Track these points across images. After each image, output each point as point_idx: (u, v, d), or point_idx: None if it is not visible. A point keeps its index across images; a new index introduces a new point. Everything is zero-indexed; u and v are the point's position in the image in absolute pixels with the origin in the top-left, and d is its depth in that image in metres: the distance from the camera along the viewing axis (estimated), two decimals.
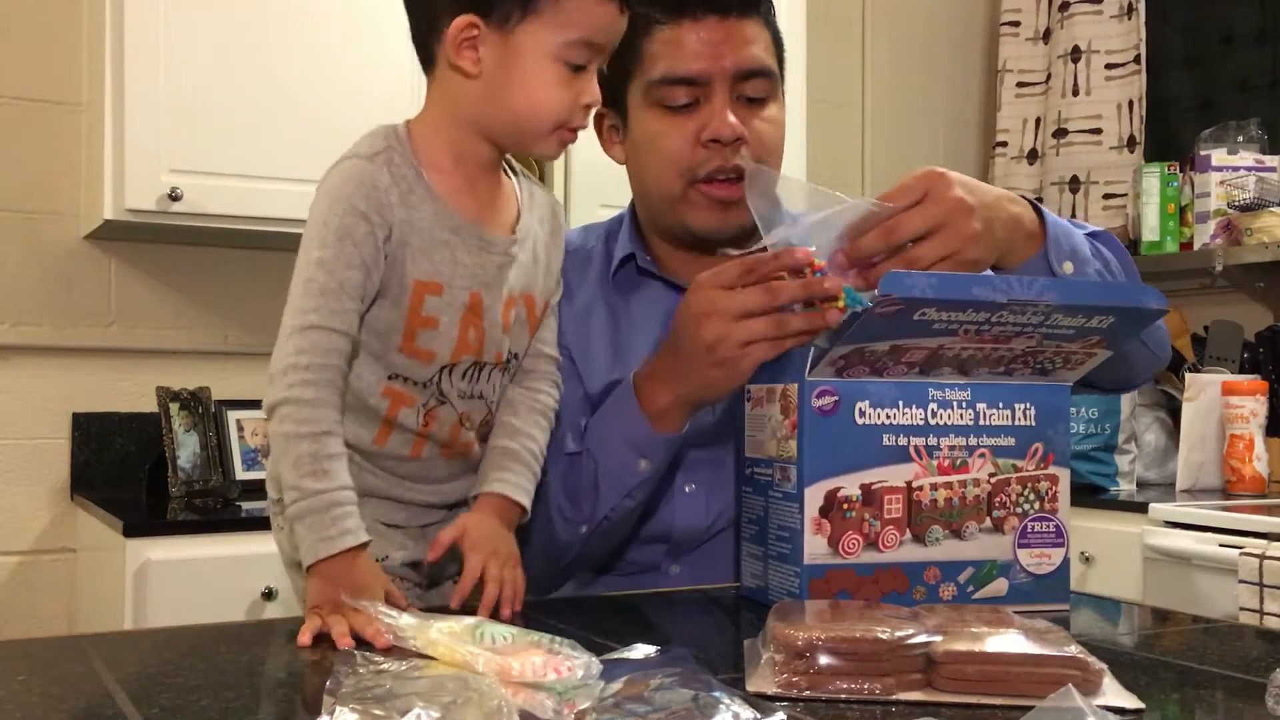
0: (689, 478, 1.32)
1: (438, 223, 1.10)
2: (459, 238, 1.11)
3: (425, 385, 1.13)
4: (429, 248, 1.09)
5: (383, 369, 1.11)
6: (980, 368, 1.08)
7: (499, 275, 1.14)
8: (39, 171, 2.62)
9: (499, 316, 1.14)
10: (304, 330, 1.05)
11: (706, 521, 1.32)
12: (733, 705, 0.69)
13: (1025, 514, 1.10)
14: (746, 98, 1.31)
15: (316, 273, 1.06)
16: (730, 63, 1.29)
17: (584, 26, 1.08)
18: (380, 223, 1.07)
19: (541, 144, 1.12)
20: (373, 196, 1.07)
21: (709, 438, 1.32)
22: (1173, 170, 3.15)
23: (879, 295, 0.97)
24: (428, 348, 1.11)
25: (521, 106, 1.09)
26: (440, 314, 1.10)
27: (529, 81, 1.08)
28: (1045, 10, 3.51)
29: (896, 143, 3.61)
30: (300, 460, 1.01)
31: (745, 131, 1.29)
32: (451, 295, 1.11)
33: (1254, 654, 0.97)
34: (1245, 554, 2.05)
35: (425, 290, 1.09)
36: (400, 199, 1.08)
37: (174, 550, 2.16)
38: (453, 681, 0.72)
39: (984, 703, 0.77)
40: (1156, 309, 1.07)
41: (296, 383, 1.03)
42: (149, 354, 2.71)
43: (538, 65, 1.08)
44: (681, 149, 1.30)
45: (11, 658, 0.90)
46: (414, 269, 1.09)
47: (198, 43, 2.39)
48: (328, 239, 1.06)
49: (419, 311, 1.10)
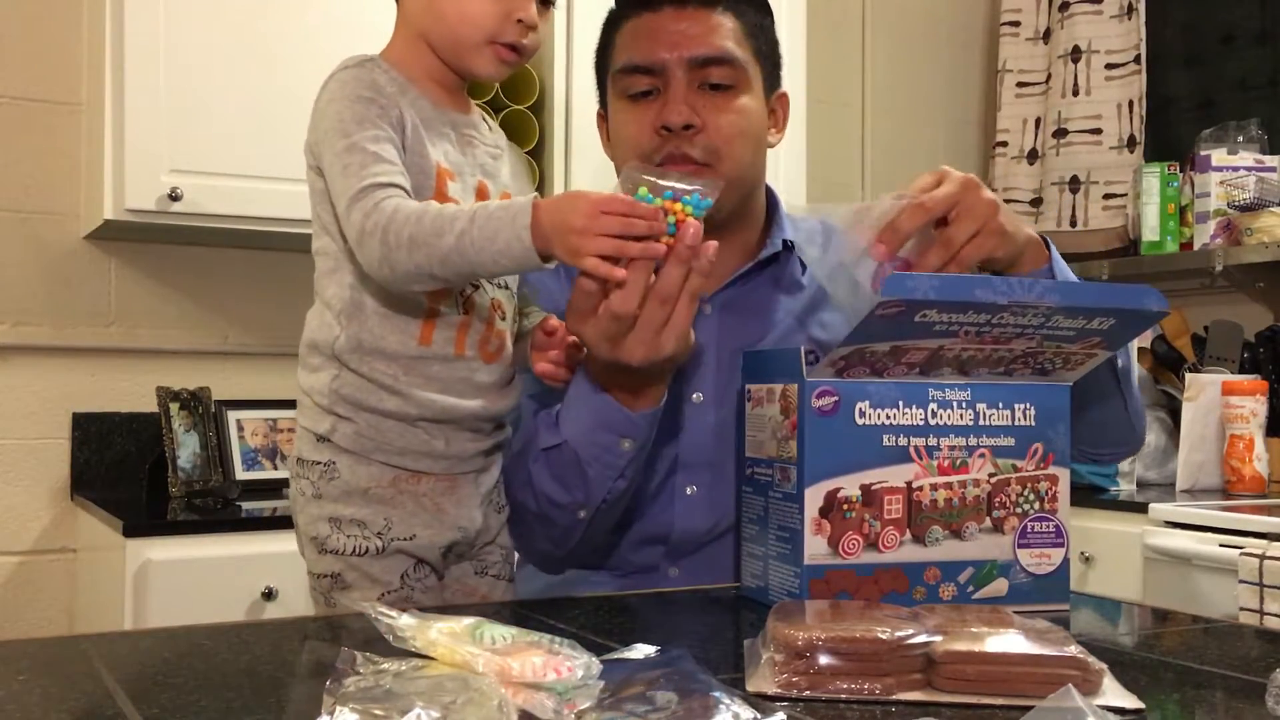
0: (690, 480, 1.32)
1: (436, 116, 1.15)
2: (455, 131, 1.17)
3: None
4: (435, 138, 1.14)
5: None
6: (980, 368, 1.08)
7: (495, 166, 1.20)
8: (39, 171, 2.62)
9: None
10: (357, 199, 1.06)
11: (707, 524, 1.32)
12: (733, 705, 0.69)
13: (1025, 514, 1.10)
14: (710, 84, 1.32)
15: (353, 156, 1.08)
16: (686, 51, 1.31)
17: None
18: (389, 105, 1.11)
19: (477, 59, 1.15)
20: (374, 86, 1.12)
21: (710, 440, 1.32)
22: (1173, 170, 3.15)
23: (881, 297, 0.97)
24: None
25: (451, 15, 1.14)
26: (462, 199, 1.14)
27: None
28: (1045, 10, 3.51)
29: (896, 143, 3.61)
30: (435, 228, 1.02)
31: (699, 119, 1.30)
32: (464, 182, 1.15)
33: (1254, 654, 0.97)
34: (1245, 554, 2.05)
35: (446, 176, 1.14)
36: (399, 94, 1.13)
37: (174, 550, 2.16)
38: (453, 681, 0.72)
39: (984, 703, 0.77)
40: (1157, 310, 1.08)
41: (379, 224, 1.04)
42: (149, 354, 2.71)
43: None
44: (640, 136, 1.32)
45: (11, 658, 0.90)
46: (434, 152, 1.13)
47: (198, 43, 2.39)
48: (347, 122, 1.09)
49: (445, 195, 1.13)
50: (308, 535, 1.15)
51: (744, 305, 1.38)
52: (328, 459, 1.14)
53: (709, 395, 1.33)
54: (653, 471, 1.31)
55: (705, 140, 1.30)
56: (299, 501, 1.16)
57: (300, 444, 1.16)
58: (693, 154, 1.30)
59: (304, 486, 1.14)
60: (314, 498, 1.13)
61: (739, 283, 1.38)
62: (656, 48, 1.31)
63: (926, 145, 3.67)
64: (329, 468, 1.14)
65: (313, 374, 1.15)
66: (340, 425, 1.13)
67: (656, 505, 1.32)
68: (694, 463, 1.32)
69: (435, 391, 1.14)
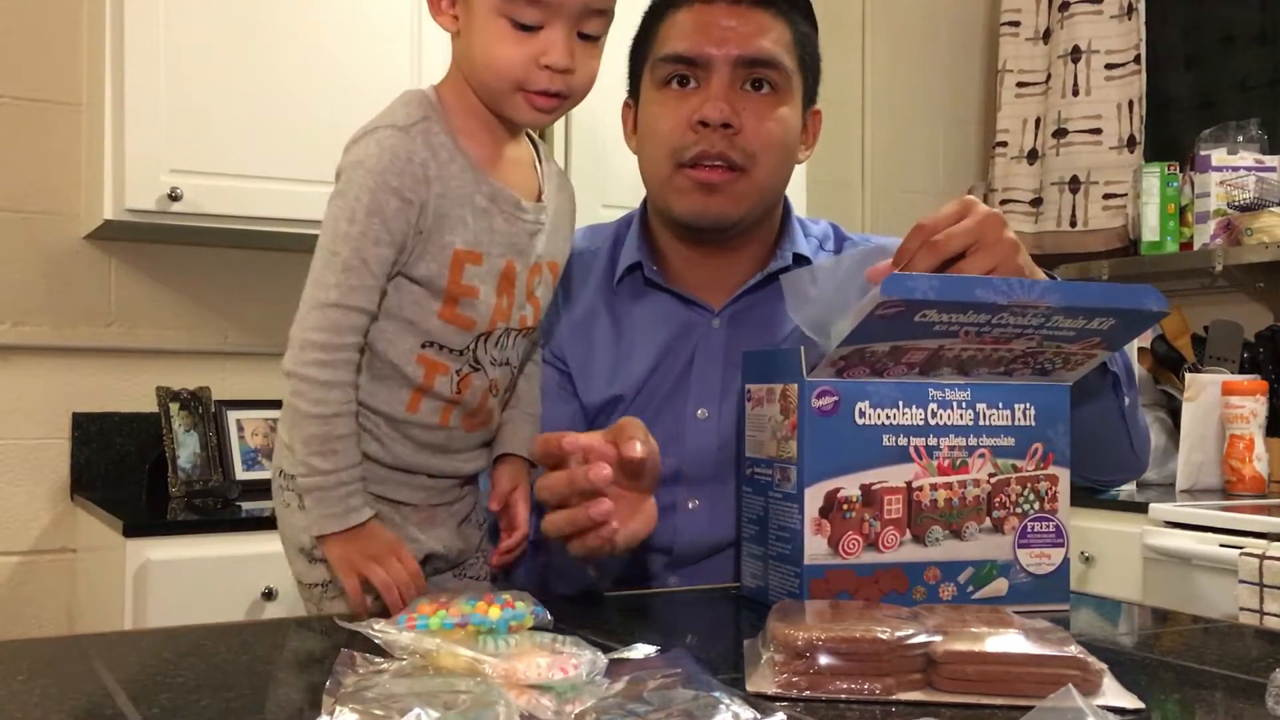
0: (692, 494, 1.31)
1: (476, 190, 1.10)
2: (495, 205, 1.11)
3: (461, 353, 1.13)
4: (468, 216, 1.10)
5: (416, 337, 1.11)
6: (980, 368, 1.08)
7: (530, 243, 1.15)
8: (39, 171, 2.62)
9: (526, 283, 1.15)
10: (324, 307, 1.06)
11: (709, 539, 1.31)
12: (733, 705, 0.69)
13: (1025, 514, 1.10)
14: (754, 85, 1.30)
15: (342, 247, 1.06)
16: (734, 48, 1.28)
17: None
18: (414, 200, 1.07)
19: (508, 105, 1.11)
20: (407, 171, 1.07)
21: (713, 455, 1.31)
22: (1173, 170, 3.15)
23: (881, 297, 0.97)
24: (467, 315, 1.12)
25: (480, 63, 1.10)
26: (480, 283, 1.11)
27: (481, 39, 1.09)
28: (1045, 10, 3.51)
29: (896, 143, 3.61)
30: (310, 440, 1.05)
31: (738, 120, 1.28)
32: (490, 264, 1.11)
33: (1254, 654, 0.97)
34: (1245, 554, 2.05)
35: (465, 259, 1.10)
36: (438, 170, 1.08)
37: (174, 550, 2.16)
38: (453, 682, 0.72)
39: (984, 703, 0.77)
40: (1157, 310, 1.07)
41: (311, 362, 1.05)
42: (149, 354, 2.71)
43: (486, 20, 1.09)
44: (673, 130, 1.30)
45: (11, 658, 0.90)
46: (453, 238, 1.09)
47: (198, 43, 2.39)
48: (357, 214, 1.06)
49: (459, 280, 1.10)
50: (295, 545, 1.14)
51: (752, 319, 1.36)
52: None
53: (713, 410, 1.32)
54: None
55: (742, 142, 1.29)
56: (284, 513, 1.16)
57: (282, 457, 1.15)
58: (730, 154, 1.28)
59: (288, 498, 1.14)
60: (299, 509, 1.12)
61: (747, 296, 1.37)
62: (704, 41, 1.28)
63: (926, 145, 3.66)
64: None
65: None
66: None
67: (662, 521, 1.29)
68: (696, 477, 1.31)
69: (412, 449, 1.15)
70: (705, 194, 1.30)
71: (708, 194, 1.30)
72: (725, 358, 1.34)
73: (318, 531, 1.06)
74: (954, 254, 1.07)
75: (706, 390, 1.33)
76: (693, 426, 1.32)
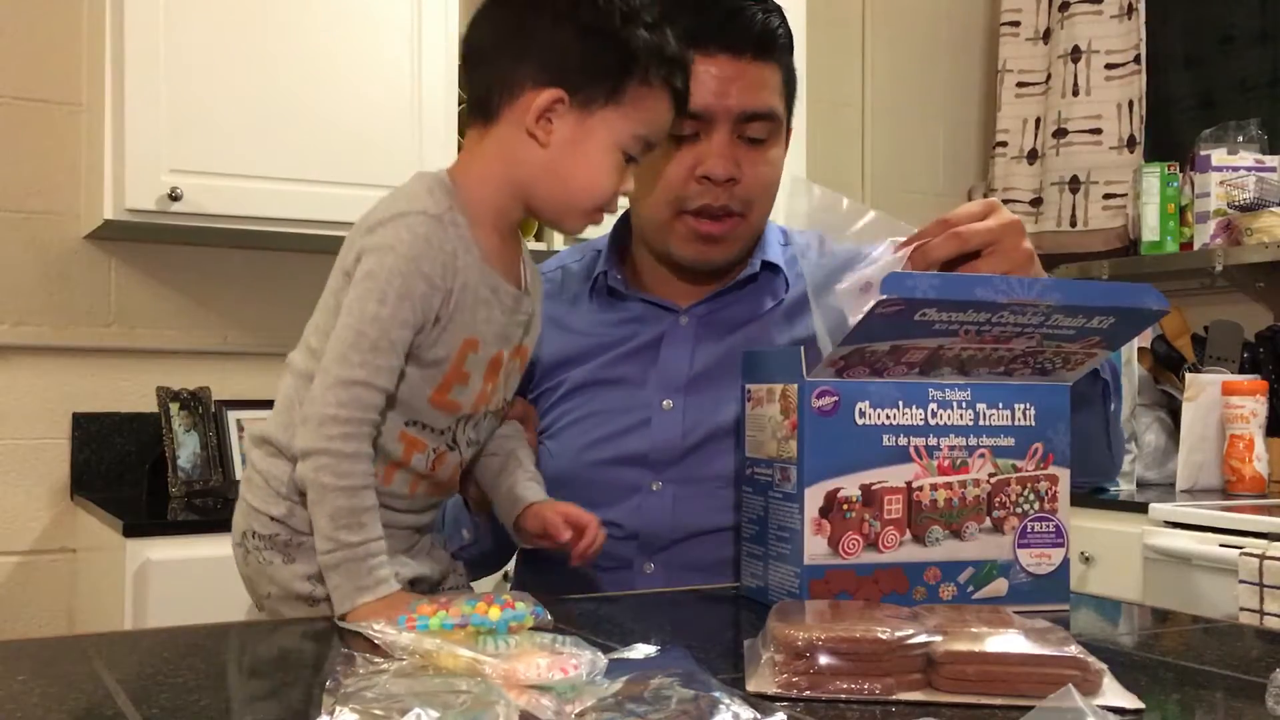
0: (656, 477, 1.35)
1: (482, 281, 1.12)
2: (496, 297, 1.13)
3: (441, 433, 1.15)
4: (474, 306, 1.11)
5: (402, 415, 1.12)
6: (980, 368, 1.08)
7: (516, 334, 1.17)
8: (39, 171, 2.62)
9: (505, 367, 1.18)
10: (349, 384, 1.05)
11: (674, 521, 1.34)
12: (733, 705, 0.69)
13: (1025, 514, 1.10)
14: (748, 138, 1.33)
15: (370, 328, 1.06)
16: (735, 103, 1.30)
17: (652, 124, 1.13)
18: (442, 288, 1.08)
19: (577, 221, 1.15)
20: (439, 260, 1.08)
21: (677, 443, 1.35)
22: (1173, 170, 3.15)
23: (881, 296, 0.97)
24: (457, 400, 1.14)
25: (578, 186, 1.12)
26: (473, 370, 1.13)
27: (592, 163, 1.11)
28: (1045, 10, 3.51)
29: (896, 143, 3.61)
30: (338, 513, 1.04)
31: (739, 173, 1.32)
32: (485, 351, 1.13)
33: (1254, 654, 0.97)
34: (1245, 554, 2.05)
35: (468, 348, 1.12)
36: (462, 261, 1.10)
37: (174, 550, 2.16)
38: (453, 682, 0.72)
39: (984, 703, 0.77)
40: (1157, 309, 1.07)
41: (337, 435, 1.04)
42: (149, 354, 2.71)
43: (605, 150, 1.11)
44: (675, 180, 1.33)
45: (11, 658, 0.90)
46: (463, 329, 1.11)
47: (198, 43, 2.39)
48: (388, 295, 1.06)
49: (460, 367, 1.12)
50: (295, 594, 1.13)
51: (719, 320, 1.41)
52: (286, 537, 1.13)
53: (679, 403, 1.36)
54: (623, 468, 1.34)
55: (742, 192, 1.33)
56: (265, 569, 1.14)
57: (251, 520, 1.15)
58: (731, 205, 1.32)
59: (269, 557, 1.13)
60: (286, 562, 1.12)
61: (715, 299, 1.41)
62: (706, 96, 1.29)
63: (926, 145, 3.67)
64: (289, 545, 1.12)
65: (270, 459, 1.14)
66: (296, 510, 1.11)
67: (628, 501, 1.34)
68: (660, 461, 1.35)
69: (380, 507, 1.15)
70: (706, 244, 1.35)
71: (708, 244, 1.35)
72: (693, 353, 1.38)
73: (350, 605, 1.02)
74: (971, 250, 1.09)
75: (671, 381, 1.37)
76: (658, 416, 1.36)
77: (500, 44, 1.13)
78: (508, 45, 1.12)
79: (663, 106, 1.14)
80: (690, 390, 1.36)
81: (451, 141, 2.62)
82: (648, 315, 1.41)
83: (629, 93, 1.11)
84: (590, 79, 1.10)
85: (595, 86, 1.10)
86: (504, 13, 1.14)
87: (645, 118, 1.12)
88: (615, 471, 1.35)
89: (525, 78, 1.10)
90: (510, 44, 1.12)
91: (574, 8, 1.10)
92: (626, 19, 1.11)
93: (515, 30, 1.12)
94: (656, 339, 1.40)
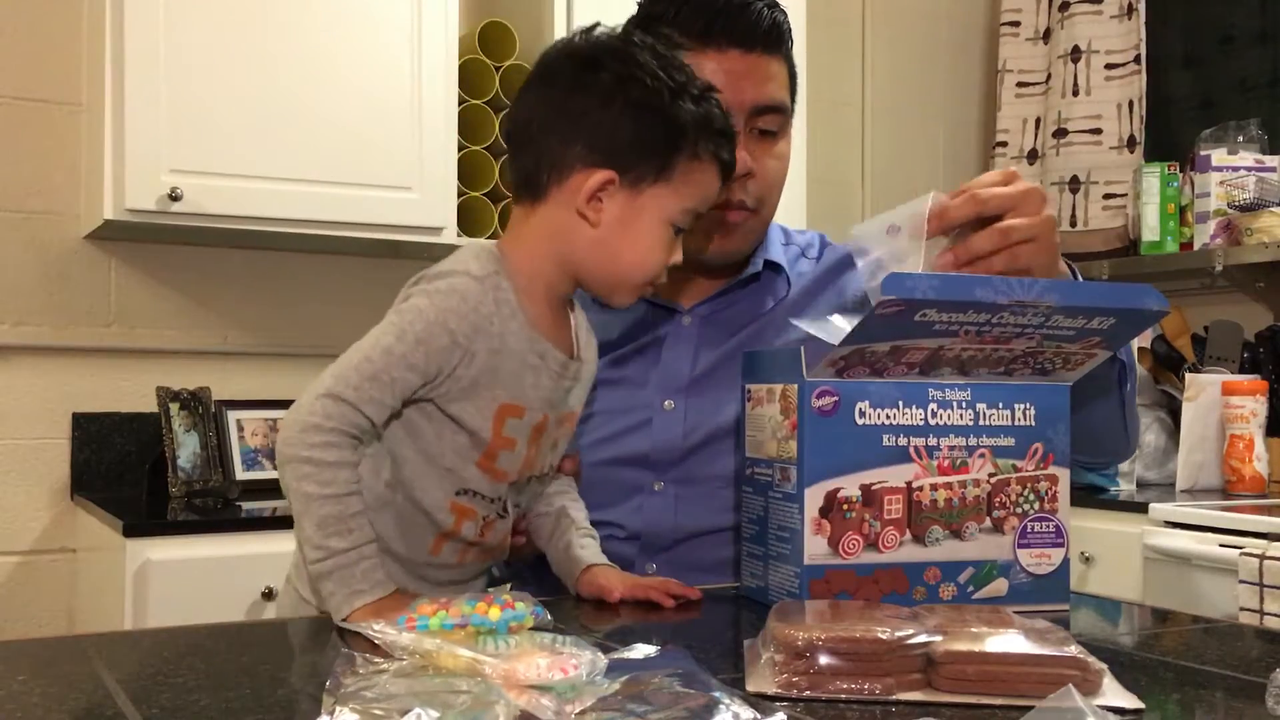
0: (657, 476, 1.35)
1: (530, 347, 1.11)
2: (544, 362, 1.12)
3: (492, 501, 1.15)
4: (519, 371, 1.11)
5: (453, 484, 1.12)
6: (980, 368, 1.08)
7: (565, 398, 1.16)
8: (39, 171, 2.62)
9: (554, 432, 1.17)
10: (336, 399, 1.04)
11: (675, 522, 1.34)
12: (733, 705, 0.69)
13: (1025, 514, 1.10)
14: (759, 131, 1.33)
15: (379, 358, 1.05)
16: (750, 97, 1.31)
17: (699, 196, 1.13)
18: (464, 347, 1.07)
19: (628, 296, 1.15)
20: (469, 320, 1.07)
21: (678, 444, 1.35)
22: (1173, 170, 3.15)
23: (881, 297, 0.97)
24: (503, 467, 1.13)
25: (629, 262, 1.12)
26: (518, 435, 1.13)
27: (643, 240, 1.11)
28: (1045, 10, 3.51)
29: (896, 143, 3.61)
30: (325, 520, 1.03)
31: (755, 166, 1.32)
32: (530, 417, 1.13)
33: (1254, 654, 0.97)
34: (1245, 554, 2.05)
35: (508, 413, 1.11)
36: (500, 326, 1.09)
37: (174, 550, 2.16)
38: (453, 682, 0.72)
39: (984, 703, 0.77)
40: (1157, 310, 1.07)
41: (319, 444, 1.03)
42: (149, 354, 2.71)
43: (655, 226, 1.11)
44: None
45: (11, 658, 0.90)
46: (501, 392, 1.10)
47: (198, 43, 2.39)
48: (407, 334, 1.06)
49: (500, 433, 1.11)
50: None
51: (722, 319, 1.41)
52: None
53: (679, 403, 1.36)
54: (624, 469, 1.35)
55: (756, 187, 1.34)
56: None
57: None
58: (746, 200, 1.33)
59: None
60: None
61: (718, 298, 1.42)
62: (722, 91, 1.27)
63: (926, 145, 3.67)
64: None
65: None
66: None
67: (630, 501, 1.34)
68: (661, 462, 1.35)
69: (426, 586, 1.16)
70: (723, 236, 1.36)
71: (725, 236, 1.36)
72: (696, 353, 1.39)
73: (346, 611, 1.01)
74: (990, 214, 1.10)
75: (673, 382, 1.37)
76: (659, 416, 1.36)
77: (547, 124, 1.11)
78: (555, 125, 1.11)
79: (710, 178, 1.13)
80: (691, 391, 1.37)
81: (452, 142, 2.62)
82: (650, 317, 1.42)
83: (679, 168, 1.10)
84: (641, 158, 1.09)
85: (645, 164, 1.09)
86: (550, 92, 1.12)
87: (694, 191, 1.12)
88: (616, 472, 1.35)
89: (575, 159, 1.09)
90: (558, 124, 1.11)
91: (622, 86, 1.09)
92: (675, 94, 1.10)
93: (562, 110, 1.11)
94: (659, 340, 1.40)
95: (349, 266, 2.88)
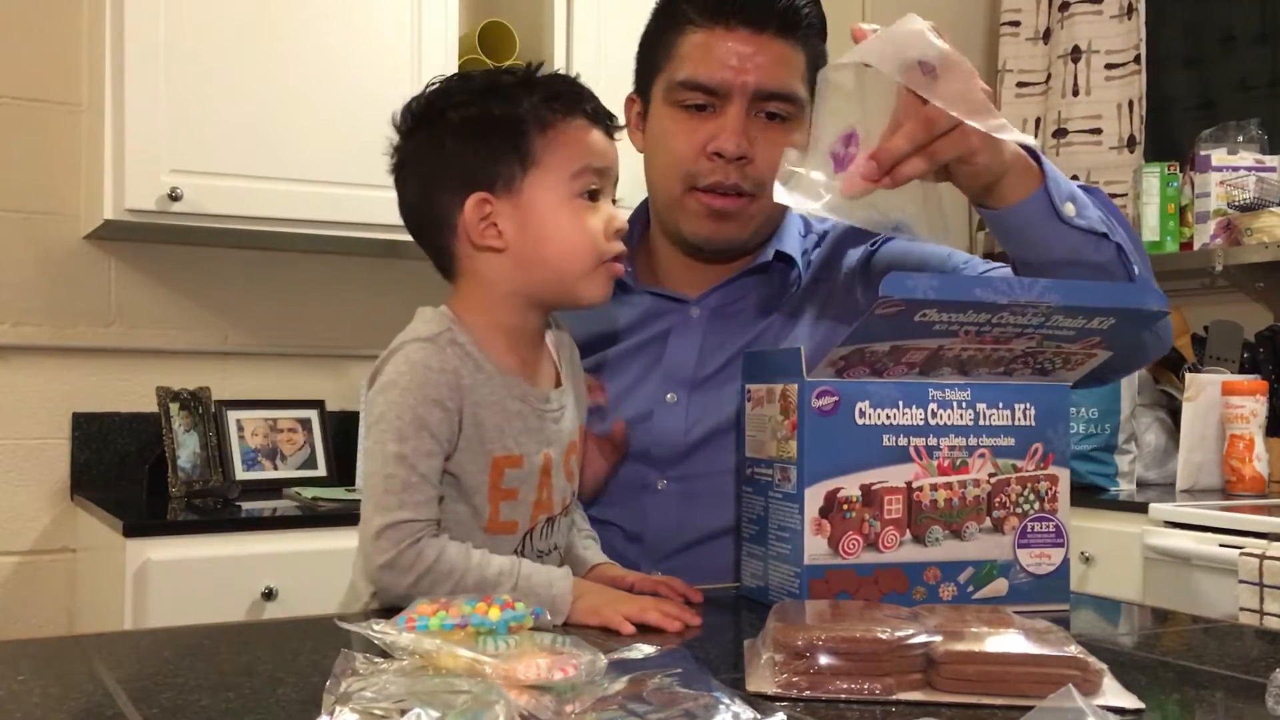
0: (661, 474, 1.34)
1: (507, 394, 1.10)
2: (527, 405, 1.11)
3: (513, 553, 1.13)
4: (503, 420, 1.09)
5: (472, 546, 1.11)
6: (980, 368, 1.08)
7: (558, 431, 1.15)
8: (39, 171, 2.62)
9: (564, 466, 1.16)
10: (392, 528, 1.03)
11: (681, 522, 1.32)
12: (733, 705, 0.69)
13: (1025, 514, 1.10)
14: (767, 114, 1.30)
15: (397, 468, 1.04)
16: (753, 79, 1.28)
17: (580, 156, 1.10)
18: (454, 406, 1.07)
19: (589, 287, 1.12)
20: (442, 382, 1.06)
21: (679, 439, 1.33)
22: (1173, 170, 3.15)
23: (880, 296, 0.97)
24: (510, 519, 1.12)
25: (558, 255, 1.10)
26: (520, 484, 1.11)
27: (554, 229, 1.09)
28: (1045, 10, 3.51)
29: None
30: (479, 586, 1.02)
31: (752, 151, 1.28)
32: (530, 463, 1.11)
33: (1254, 654, 0.97)
34: (1245, 554, 2.05)
35: (505, 464, 1.10)
36: (470, 379, 1.08)
37: (174, 550, 2.16)
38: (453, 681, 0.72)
39: (984, 703, 0.77)
40: (1157, 310, 1.07)
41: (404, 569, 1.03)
42: (149, 354, 2.71)
43: (556, 208, 1.09)
44: (687, 154, 1.30)
45: (11, 658, 0.90)
46: (493, 446, 1.09)
47: (198, 43, 2.39)
48: (404, 432, 1.04)
49: (499, 486, 1.10)
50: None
51: (731, 310, 1.38)
52: None
53: (682, 397, 1.34)
54: (625, 463, 1.33)
55: (754, 173, 1.30)
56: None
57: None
58: (742, 185, 1.30)
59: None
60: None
61: (726, 286, 1.39)
62: (723, 70, 1.27)
63: None
64: None
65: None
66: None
67: (633, 501, 1.33)
68: (663, 458, 1.33)
69: None
70: (716, 220, 1.32)
71: (718, 220, 1.32)
72: (702, 346, 1.36)
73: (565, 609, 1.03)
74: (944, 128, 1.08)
75: (677, 375, 1.35)
76: (660, 410, 1.34)
77: (418, 198, 1.13)
78: (422, 193, 1.13)
79: (581, 134, 1.10)
80: (696, 385, 1.34)
81: None
82: (656, 309, 1.39)
83: (537, 146, 1.09)
84: (495, 162, 1.09)
85: (504, 164, 1.09)
86: (403, 174, 1.14)
87: (571, 153, 1.09)
88: (619, 472, 1.33)
89: (450, 206, 1.10)
90: (422, 191, 1.12)
91: (440, 124, 1.10)
92: (486, 93, 1.10)
93: (418, 179, 1.13)
94: (664, 333, 1.38)
95: (349, 266, 2.88)
